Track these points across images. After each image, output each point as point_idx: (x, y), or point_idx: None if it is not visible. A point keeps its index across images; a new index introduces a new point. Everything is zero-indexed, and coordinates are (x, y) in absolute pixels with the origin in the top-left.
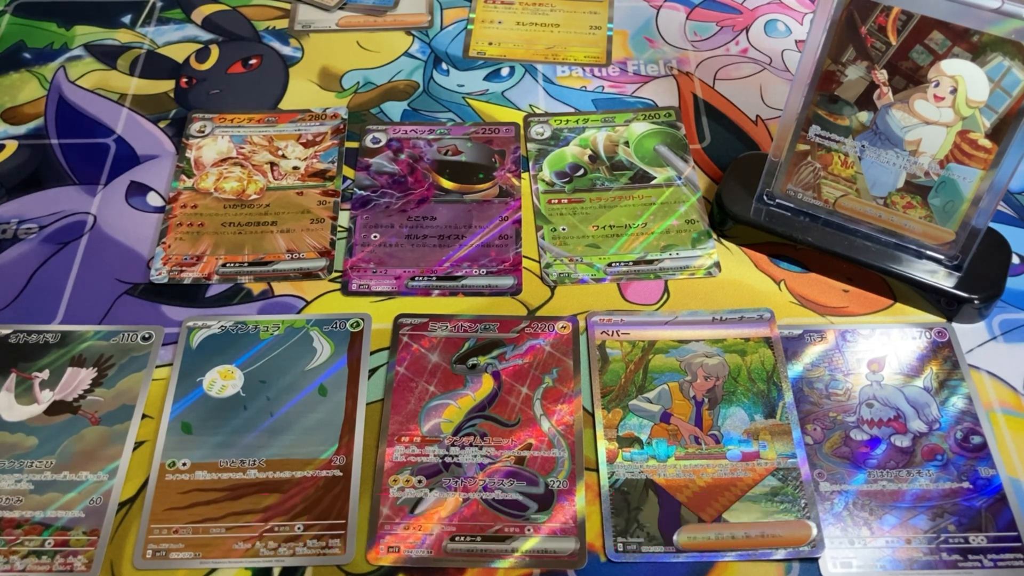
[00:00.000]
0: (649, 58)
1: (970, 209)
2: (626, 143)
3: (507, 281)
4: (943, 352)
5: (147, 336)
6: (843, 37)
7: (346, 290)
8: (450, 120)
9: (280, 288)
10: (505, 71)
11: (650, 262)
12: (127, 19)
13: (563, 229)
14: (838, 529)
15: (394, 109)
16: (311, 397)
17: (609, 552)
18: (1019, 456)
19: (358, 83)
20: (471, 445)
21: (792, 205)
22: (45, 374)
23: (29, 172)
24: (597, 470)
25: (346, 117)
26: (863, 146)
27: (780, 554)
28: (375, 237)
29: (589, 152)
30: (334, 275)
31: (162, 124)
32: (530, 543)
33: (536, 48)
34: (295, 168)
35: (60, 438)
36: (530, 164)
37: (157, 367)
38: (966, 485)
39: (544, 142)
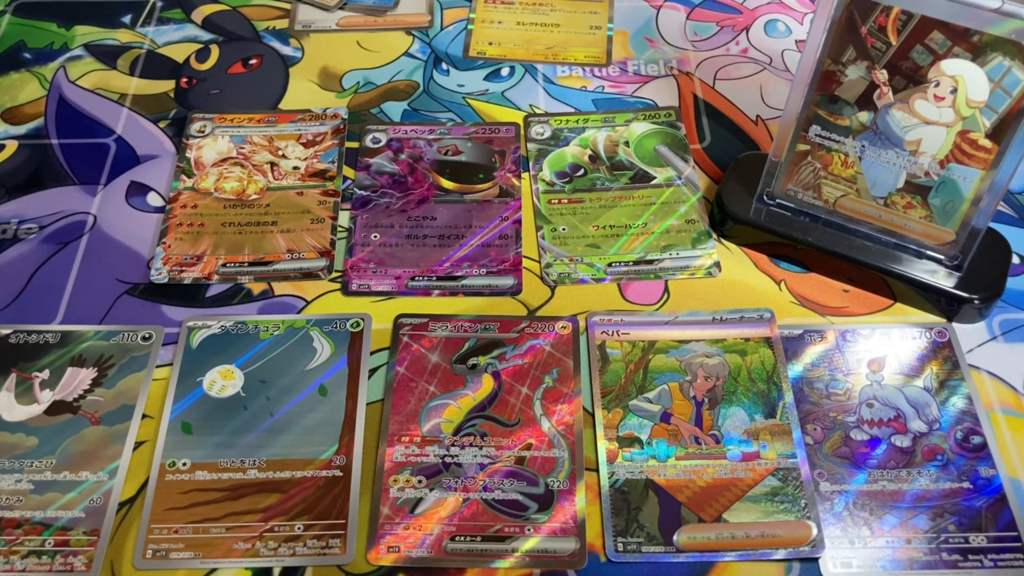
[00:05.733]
0: (649, 58)
1: (970, 209)
2: (626, 143)
3: (507, 281)
4: (943, 352)
5: (147, 336)
6: (843, 37)
7: (346, 290)
8: (450, 120)
9: (280, 288)
10: (505, 71)
11: (650, 262)
12: (127, 19)
13: (563, 229)
14: (838, 529)
15: (394, 109)
16: (311, 397)
17: (609, 552)
18: (1019, 456)
19: (358, 83)
20: (471, 445)
21: (792, 205)
22: (45, 374)
23: (29, 172)
24: (597, 470)
25: (346, 117)
26: (863, 146)
27: (780, 554)
28: (375, 237)
29: (589, 152)
30: (334, 275)
31: (162, 124)
32: (530, 543)
33: (536, 48)
34: (295, 168)
35: (60, 438)
36: (530, 164)
37: (157, 367)
38: (966, 485)
39: (544, 142)
